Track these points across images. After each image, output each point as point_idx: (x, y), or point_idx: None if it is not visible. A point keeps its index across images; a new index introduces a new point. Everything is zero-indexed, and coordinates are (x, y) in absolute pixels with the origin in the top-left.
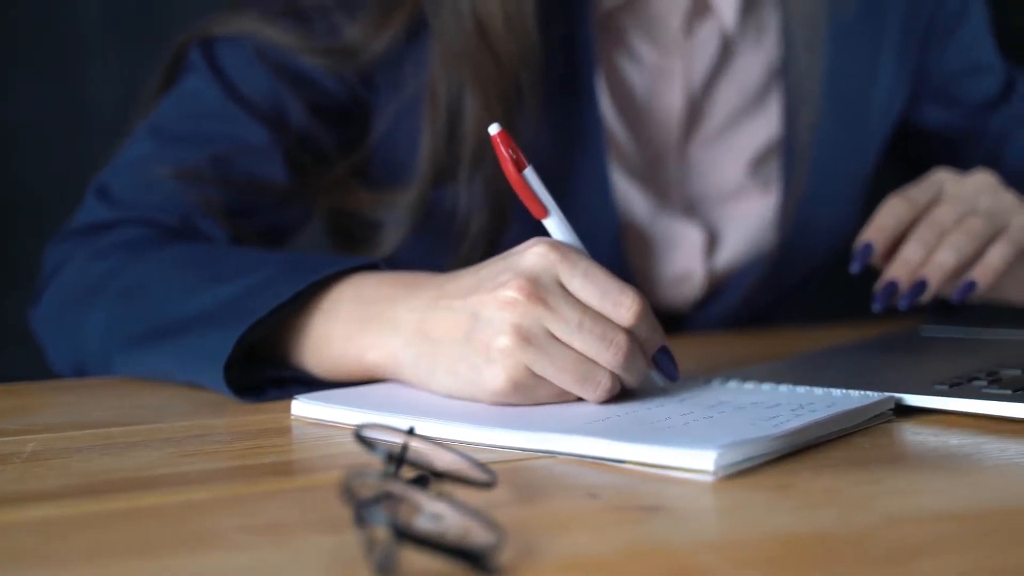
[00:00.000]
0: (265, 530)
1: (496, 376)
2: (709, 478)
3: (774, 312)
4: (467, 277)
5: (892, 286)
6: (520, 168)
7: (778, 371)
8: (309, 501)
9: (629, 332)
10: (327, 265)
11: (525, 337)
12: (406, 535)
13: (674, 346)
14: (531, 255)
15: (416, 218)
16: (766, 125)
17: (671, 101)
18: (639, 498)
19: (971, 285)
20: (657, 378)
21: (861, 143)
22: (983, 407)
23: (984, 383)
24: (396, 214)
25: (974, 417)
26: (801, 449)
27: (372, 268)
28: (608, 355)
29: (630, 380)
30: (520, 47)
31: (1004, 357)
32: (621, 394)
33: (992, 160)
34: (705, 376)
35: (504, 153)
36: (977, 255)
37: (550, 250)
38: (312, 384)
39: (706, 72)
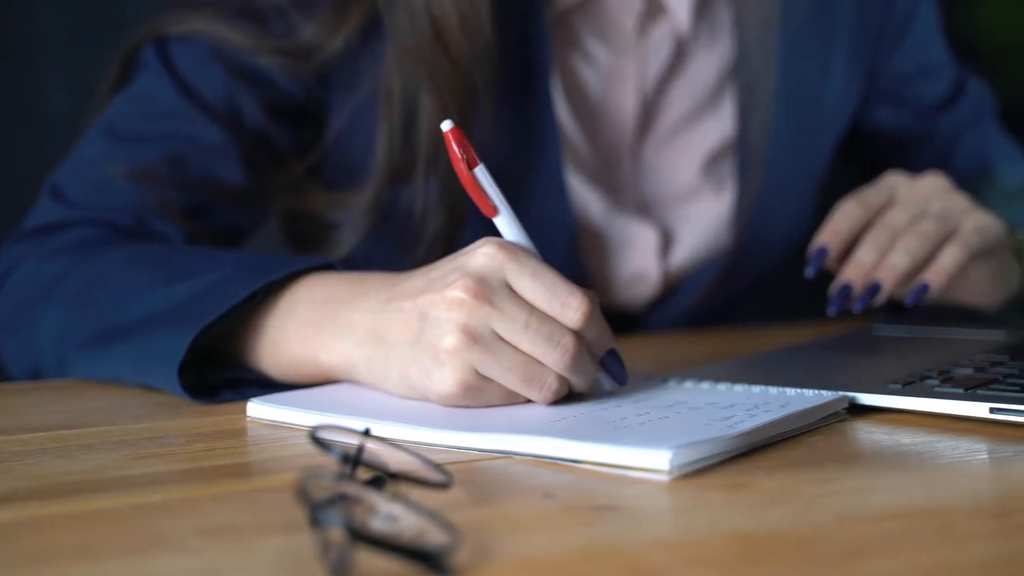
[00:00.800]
0: (219, 532)
1: (445, 379)
2: (664, 478)
3: (729, 313)
4: (418, 278)
5: (846, 289)
6: (471, 166)
7: (733, 371)
8: (264, 503)
9: (577, 334)
10: (281, 266)
11: (471, 337)
12: (361, 536)
13: (630, 346)
14: (479, 255)
15: (372, 219)
16: (719, 126)
17: (624, 102)
18: (595, 498)
19: (924, 288)
20: (605, 381)
21: (814, 143)
22: (935, 406)
23: (936, 382)
24: (352, 215)
25: (927, 415)
26: (756, 448)
27: (328, 268)
28: (555, 356)
29: (578, 382)
30: (475, 47)
31: (956, 356)
32: (572, 395)
33: (942, 161)
34: (662, 376)
35: (455, 150)
36: (930, 257)
37: (498, 250)
38: (268, 386)
39: (659, 73)
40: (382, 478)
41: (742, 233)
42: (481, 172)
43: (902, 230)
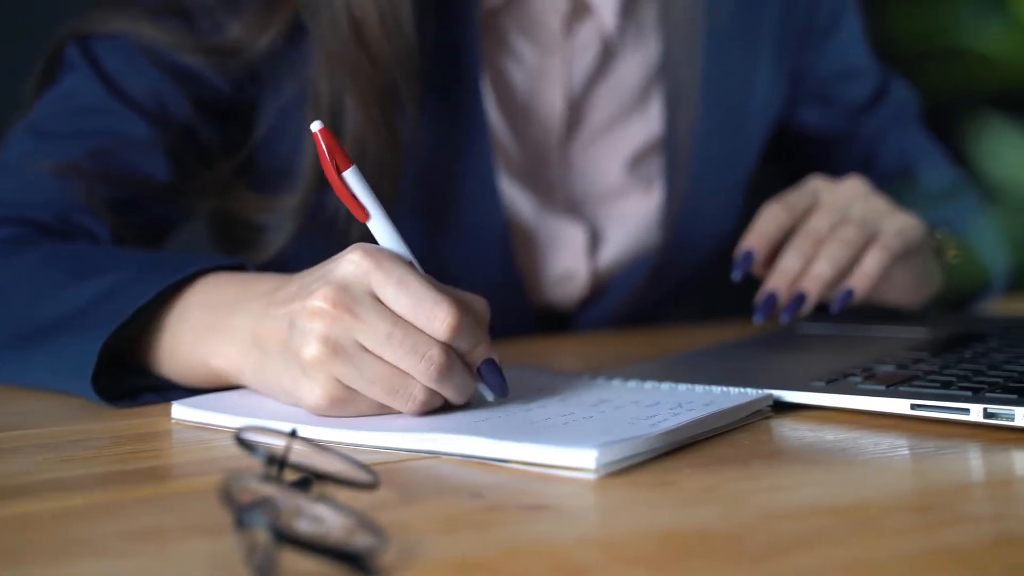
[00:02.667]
0: (142, 536)
1: (311, 391)
2: (591, 476)
3: (659, 312)
4: (294, 283)
5: (772, 298)
6: (341, 169)
7: (660, 369)
8: (189, 506)
9: (446, 345)
10: (186, 265)
11: (332, 348)
12: (286, 538)
13: (560, 345)
14: (344, 263)
15: (299, 222)
16: (646, 126)
17: (551, 101)
18: (522, 497)
19: (849, 294)
20: (487, 392)
21: (740, 143)
22: (858, 403)
23: (859, 379)
24: (279, 218)
25: (850, 412)
26: (682, 446)
27: (237, 268)
28: (420, 368)
29: (451, 395)
30: (396, 48)
31: (879, 353)
32: (480, 401)
33: (866, 161)
34: (589, 375)
35: (323, 152)
36: (853, 263)
37: (364, 257)
38: (191, 388)
39: (586, 73)
40: (308, 479)
41: (670, 232)
42: (351, 175)
43: (825, 236)
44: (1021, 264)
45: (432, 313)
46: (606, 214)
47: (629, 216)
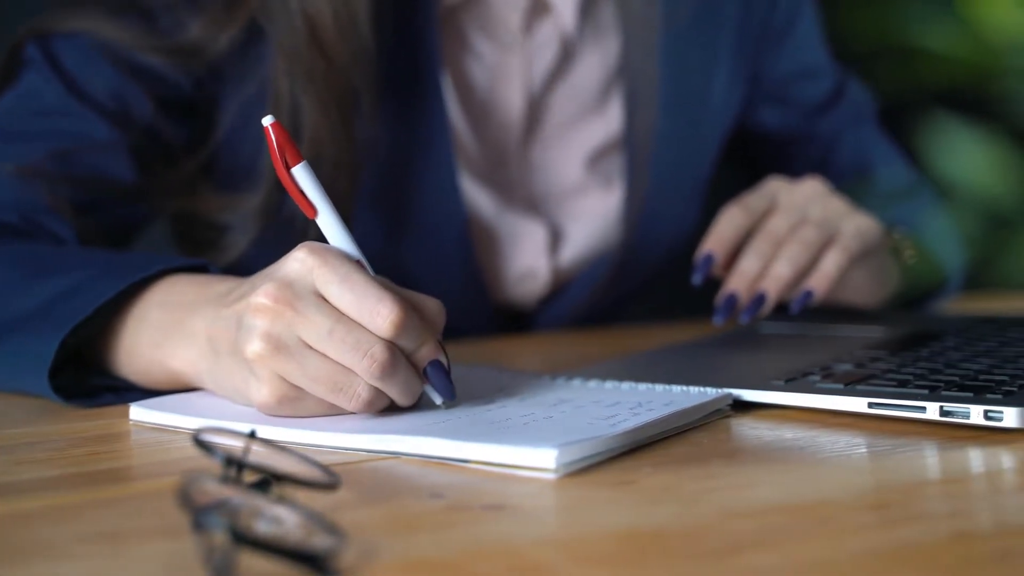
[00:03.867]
0: (100, 539)
1: (259, 390)
2: (551, 476)
3: (619, 311)
4: (246, 284)
5: (732, 299)
6: (290, 164)
7: (620, 369)
8: (147, 508)
9: (389, 343)
10: (146, 265)
11: (275, 344)
12: (244, 539)
13: (521, 345)
14: (290, 260)
15: (263, 222)
16: (605, 124)
17: (511, 99)
18: (482, 497)
19: (808, 295)
20: (434, 395)
21: (699, 143)
22: (816, 401)
23: (818, 378)
24: (242, 218)
25: (808, 411)
26: (642, 445)
27: (199, 270)
28: (363, 365)
29: (396, 394)
30: (352, 47)
31: (838, 352)
32: (429, 403)
33: (823, 162)
34: (550, 375)
35: (273, 147)
36: (812, 263)
37: (309, 255)
38: (151, 389)
39: (546, 71)
40: (267, 481)
41: (631, 230)
42: (301, 171)
43: (784, 238)
44: (975, 261)
45: (375, 309)
46: (567, 212)
47: (589, 214)
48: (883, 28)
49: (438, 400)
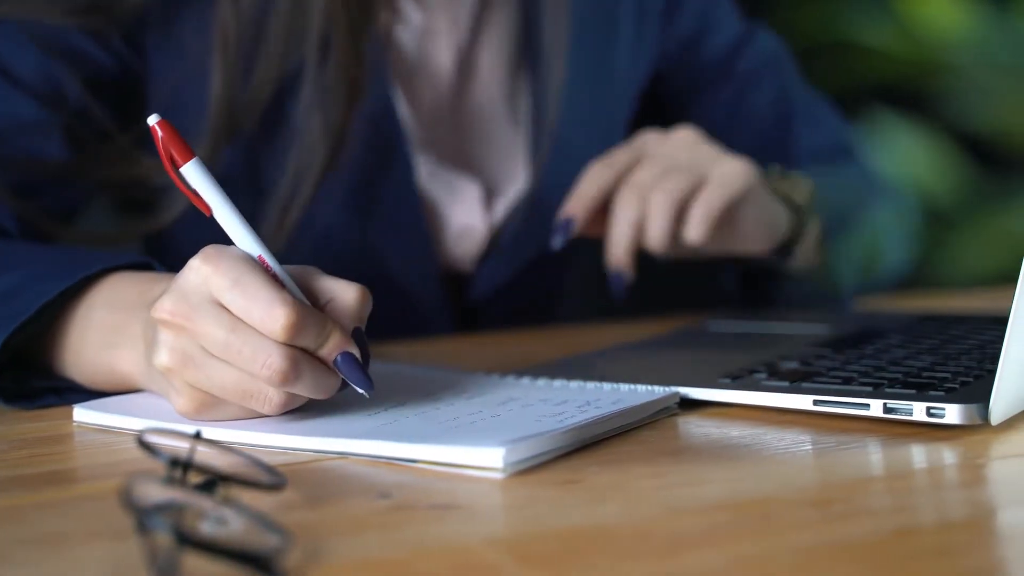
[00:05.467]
0: (43, 541)
1: (178, 399)
2: (499, 475)
3: (559, 282)
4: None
5: (618, 278)
6: (179, 163)
7: (569, 367)
8: (90, 510)
9: (287, 346)
10: (90, 263)
11: (180, 357)
12: (189, 541)
13: (470, 344)
14: (187, 269)
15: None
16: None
17: (441, 59)
18: (430, 497)
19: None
20: (356, 386)
21: (609, 95)
22: (762, 399)
23: (764, 375)
24: None
25: (755, 408)
26: (590, 444)
27: (145, 267)
28: (263, 374)
29: (308, 393)
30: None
31: (784, 350)
32: (403, 395)
33: (737, 108)
34: (498, 374)
35: (161, 148)
36: (683, 210)
37: (204, 263)
38: (98, 391)
39: (468, 26)
40: (213, 481)
41: (538, 179)
42: (191, 169)
43: (649, 186)
44: (915, 255)
45: (267, 314)
46: (501, 169)
47: (521, 170)
48: (822, 25)
49: (360, 390)
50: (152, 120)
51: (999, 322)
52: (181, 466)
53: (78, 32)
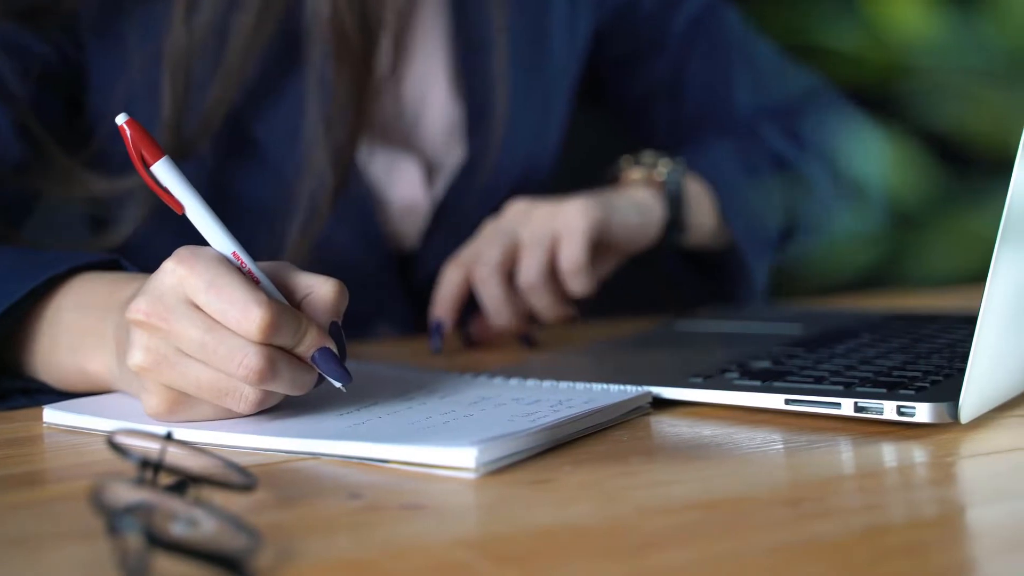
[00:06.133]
0: (13, 544)
1: (149, 400)
2: (471, 475)
3: None
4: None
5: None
6: (149, 162)
7: (541, 367)
8: (61, 511)
9: (264, 346)
10: (56, 263)
11: (155, 357)
12: (160, 542)
13: (443, 345)
14: (161, 271)
15: (149, 204)
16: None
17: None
18: (401, 497)
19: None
20: (333, 380)
21: (545, 69)
22: (734, 398)
23: (736, 375)
24: (126, 199)
25: (727, 408)
26: (562, 444)
27: (114, 265)
28: (239, 374)
29: (285, 390)
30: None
31: (755, 349)
32: (376, 394)
33: (674, 73)
34: (471, 373)
35: (130, 147)
36: (551, 277)
37: (178, 264)
38: (69, 392)
39: (405, 3)
40: (184, 483)
41: (479, 146)
42: (162, 167)
43: (496, 264)
44: (880, 259)
45: (243, 315)
46: (437, 144)
47: (459, 145)
48: (787, 28)
49: (338, 384)
50: (120, 119)
51: (968, 321)
52: (152, 467)
53: (20, 29)
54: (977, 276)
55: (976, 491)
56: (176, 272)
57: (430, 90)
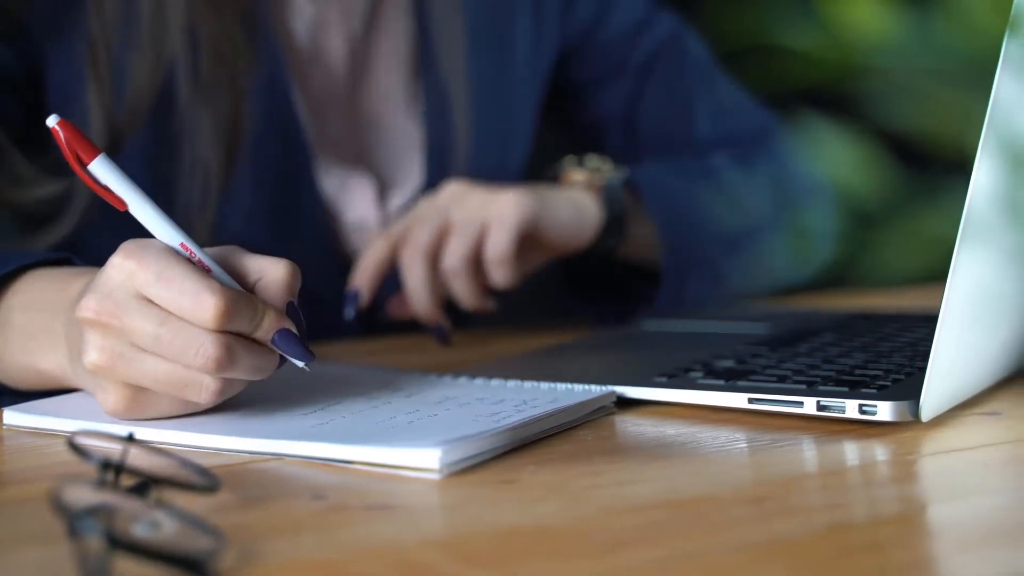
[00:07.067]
0: None
1: (107, 398)
2: (436, 476)
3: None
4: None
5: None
6: (85, 161)
7: (506, 367)
8: (20, 514)
9: (219, 333)
10: (3, 263)
11: (110, 355)
12: (121, 544)
13: (407, 344)
14: (108, 267)
15: (86, 202)
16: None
17: (334, 51)
18: (366, 497)
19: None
20: (295, 360)
21: (507, 91)
22: (698, 397)
23: (699, 374)
24: (64, 198)
25: (691, 407)
26: (527, 443)
27: (64, 262)
28: (197, 364)
29: (247, 376)
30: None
31: (719, 348)
32: (339, 393)
33: (635, 97)
34: (436, 373)
35: (65, 148)
36: (477, 262)
37: (126, 259)
38: (24, 392)
39: (362, 17)
40: (145, 484)
41: (436, 168)
42: (99, 165)
43: (425, 245)
44: (840, 258)
45: (196, 304)
46: (394, 163)
47: (417, 165)
48: (746, 29)
49: (300, 364)
50: (51, 122)
51: (929, 320)
52: (113, 469)
53: None
54: (935, 275)
55: (937, 488)
56: (124, 267)
57: (387, 108)
